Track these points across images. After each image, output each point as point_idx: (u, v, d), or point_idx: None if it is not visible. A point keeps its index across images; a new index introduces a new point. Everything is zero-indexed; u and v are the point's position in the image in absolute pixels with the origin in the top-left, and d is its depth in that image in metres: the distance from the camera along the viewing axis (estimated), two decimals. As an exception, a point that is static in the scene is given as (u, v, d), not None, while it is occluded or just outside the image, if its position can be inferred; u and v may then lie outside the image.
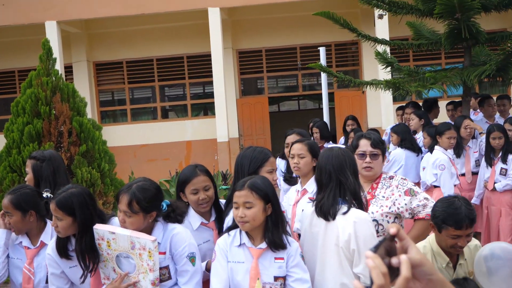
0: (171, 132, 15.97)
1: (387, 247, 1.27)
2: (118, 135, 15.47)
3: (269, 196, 3.22)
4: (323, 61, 10.15)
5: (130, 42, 15.88)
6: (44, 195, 3.89)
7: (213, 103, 16.11)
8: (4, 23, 14.36)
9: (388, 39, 11.43)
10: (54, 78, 8.51)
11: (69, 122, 8.33)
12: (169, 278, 3.41)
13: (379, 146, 4.29)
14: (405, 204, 4.14)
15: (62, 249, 3.51)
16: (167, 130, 16.02)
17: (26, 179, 4.49)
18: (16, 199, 3.71)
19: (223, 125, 14.31)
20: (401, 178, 4.28)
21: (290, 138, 5.92)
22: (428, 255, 3.66)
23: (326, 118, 10.27)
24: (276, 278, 3.20)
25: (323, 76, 10.46)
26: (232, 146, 14.98)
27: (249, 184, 3.22)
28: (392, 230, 1.29)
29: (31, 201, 3.79)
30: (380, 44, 9.09)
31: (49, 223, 3.88)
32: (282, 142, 6.44)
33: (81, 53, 15.74)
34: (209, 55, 14.68)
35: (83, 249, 3.41)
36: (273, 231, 3.22)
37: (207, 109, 17.06)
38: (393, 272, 1.22)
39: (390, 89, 8.43)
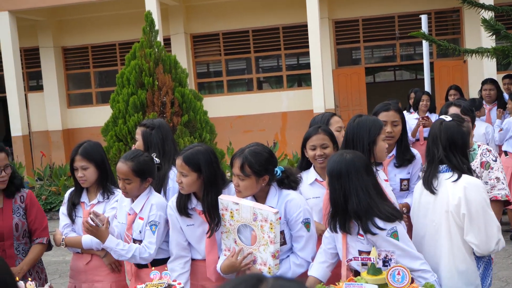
0: (266, 103, 16.02)
1: None
2: (215, 107, 15.66)
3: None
4: (424, 29, 9.82)
5: (226, 13, 15.98)
6: (154, 159, 3.95)
7: (307, 74, 16.00)
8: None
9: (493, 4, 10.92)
10: (156, 50, 8.69)
11: (171, 93, 8.50)
12: (284, 243, 3.47)
13: (469, 113, 4.38)
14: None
15: (182, 207, 3.64)
16: (263, 101, 16.08)
17: (135, 145, 4.60)
18: (137, 166, 3.75)
19: (319, 96, 14.21)
20: (486, 149, 4.30)
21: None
22: None
23: (427, 88, 9.98)
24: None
25: (425, 45, 10.15)
26: (328, 117, 14.86)
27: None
28: None
29: (150, 168, 3.84)
30: (486, 11, 8.71)
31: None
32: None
33: (178, 25, 15.98)
34: (305, 26, 14.55)
35: (208, 205, 3.54)
36: None
37: (300, 80, 16.98)
38: None
39: (496, 57, 8.10)
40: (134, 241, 3.79)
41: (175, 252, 3.71)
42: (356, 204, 3.06)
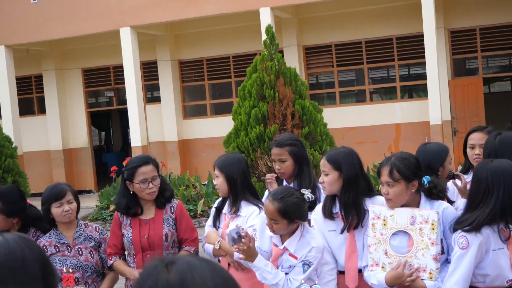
0: (379, 114, 15.83)
1: None
2: (326, 118, 15.55)
3: None
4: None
5: (339, 25, 15.97)
6: (306, 197, 3.62)
7: (420, 85, 15.71)
8: (221, 12, 15.15)
9: None
10: (277, 63, 8.82)
11: (292, 105, 8.60)
12: (442, 252, 3.44)
13: None
14: None
15: (327, 209, 3.73)
16: (375, 112, 15.91)
17: (280, 168, 4.30)
18: (284, 208, 3.50)
19: (436, 107, 13.89)
20: None
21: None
22: None
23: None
24: None
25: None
26: (444, 128, 14.51)
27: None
28: None
29: (299, 210, 3.56)
30: None
31: None
32: (498, 125, 6.20)
33: (291, 38, 16.13)
34: (420, 36, 14.29)
35: (345, 204, 3.61)
36: None
37: (411, 91, 16.67)
38: None
39: None
40: None
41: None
42: None
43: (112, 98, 18.99)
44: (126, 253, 4.37)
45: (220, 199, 4.38)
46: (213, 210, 4.41)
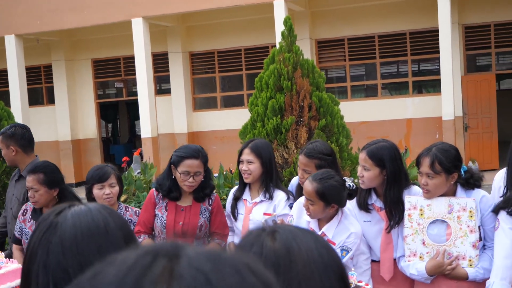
0: (390, 109, 15.76)
1: None
2: (338, 112, 15.63)
3: None
4: None
5: (352, 19, 15.87)
6: (347, 184, 3.55)
7: (432, 80, 15.62)
8: (234, 4, 15.06)
9: None
10: (295, 54, 8.74)
11: (309, 97, 8.52)
12: (480, 239, 3.42)
13: None
14: None
15: (363, 201, 3.66)
16: (387, 107, 15.84)
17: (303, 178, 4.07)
18: (322, 189, 3.46)
19: (449, 103, 13.81)
20: None
21: None
22: None
23: None
24: None
25: None
26: (456, 124, 14.43)
27: None
28: None
29: (337, 194, 3.51)
30: None
31: None
32: (507, 122, 6.10)
33: (304, 31, 16.03)
34: (433, 31, 14.22)
35: (391, 201, 3.53)
36: None
37: (421, 87, 16.59)
38: None
39: None
40: None
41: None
42: None
43: (121, 90, 18.95)
44: (155, 234, 4.30)
45: (236, 188, 4.33)
46: (230, 199, 4.34)
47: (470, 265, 3.34)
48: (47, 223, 1.44)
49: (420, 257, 3.43)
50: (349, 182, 3.55)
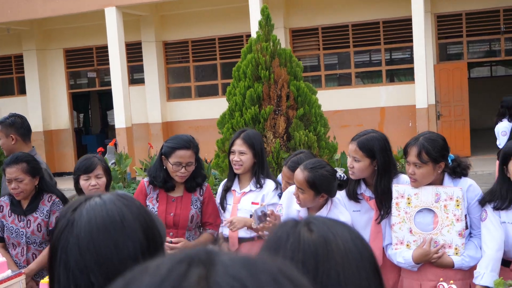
0: (364, 98, 15.87)
1: None
2: (312, 101, 15.68)
3: None
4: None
5: (326, 8, 15.91)
6: (338, 175, 3.58)
7: (406, 69, 15.76)
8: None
9: None
10: (272, 44, 8.75)
11: (287, 86, 8.55)
12: (466, 227, 3.48)
13: None
14: None
15: (352, 191, 3.68)
16: (361, 96, 15.94)
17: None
18: (313, 178, 3.46)
19: (422, 91, 13.96)
20: None
21: None
22: None
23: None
24: None
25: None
26: (429, 112, 14.59)
27: None
28: None
29: (328, 184, 3.53)
30: None
31: None
32: (477, 110, 6.24)
33: (278, 20, 15.99)
34: (406, 20, 14.35)
35: (381, 192, 3.57)
36: None
37: (393, 75, 16.73)
38: None
39: None
40: None
41: None
42: None
43: (94, 80, 18.76)
44: None
45: (225, 180, 4.33)
46: (219, 192, 4.34)
47: (456, 254, 3.38)
48: (64, 221, 1.42)
49: (407, 245, 3.47)
50: (340, 172, 3.58)
